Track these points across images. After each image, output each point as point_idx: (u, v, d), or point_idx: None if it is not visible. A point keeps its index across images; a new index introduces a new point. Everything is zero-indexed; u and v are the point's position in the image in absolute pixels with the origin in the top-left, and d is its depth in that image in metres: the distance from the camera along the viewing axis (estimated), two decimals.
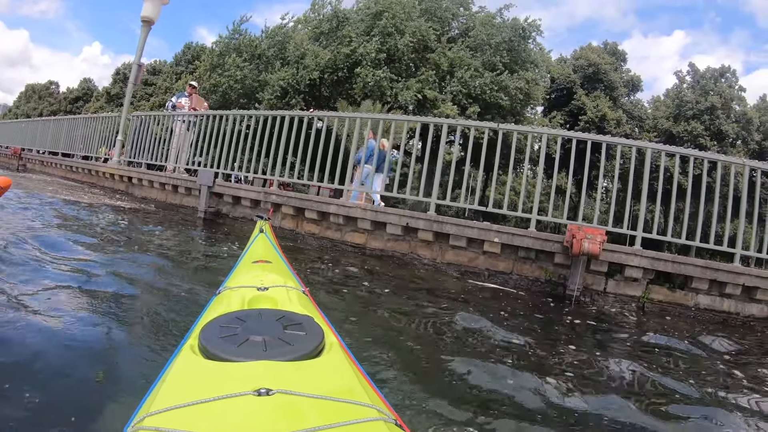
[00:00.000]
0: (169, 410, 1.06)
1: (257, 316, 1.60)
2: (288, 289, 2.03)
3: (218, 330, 1.47)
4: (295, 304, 1.86)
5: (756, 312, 6.24)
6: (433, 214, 7.00)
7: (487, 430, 2.29)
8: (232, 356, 1.31)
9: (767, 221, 21.54)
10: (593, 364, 3.70)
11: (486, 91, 23.33)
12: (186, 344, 1.47)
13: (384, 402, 1.26)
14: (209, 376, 1.25)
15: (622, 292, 6.44)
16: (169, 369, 1.34)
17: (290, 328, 1.51)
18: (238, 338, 1.41)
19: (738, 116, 39.45)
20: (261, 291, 1.94)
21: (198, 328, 1.55)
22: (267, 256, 2.66)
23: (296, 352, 1.36)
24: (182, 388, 1.21)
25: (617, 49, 42.62)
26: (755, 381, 3.87)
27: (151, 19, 12.63)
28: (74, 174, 15.01)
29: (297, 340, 1.43)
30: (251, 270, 2.37)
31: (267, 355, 1.32)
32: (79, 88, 62.52)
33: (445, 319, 4.45)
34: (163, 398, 1.14)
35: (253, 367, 1.25)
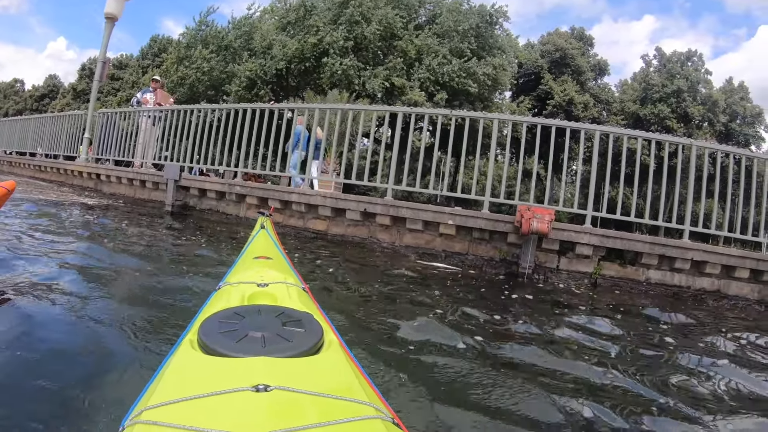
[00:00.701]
0: (167, 404, 1.07)
1: (257, 312, 1.61)
2: (288, 285, 2.04)
3: (217, 325, 1.47)
4: (294, 300, 1.86)
5: (707, 285, 6.60)
6: (390, 199, 7.25)
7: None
8: (230, 352, 1.32)
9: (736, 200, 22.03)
10: (540, 338, 3.89)
11: (454, 77, 23.48)
12: (185, 339, 1.47)
13: (382, 400, 1.26)
14: (208, 371, 1.26)
15: (574, 268, 6.75)
16: (168, 363, 1.35)
17: (289, 324, 1.51)
18: (238, 334, 1.41)
19: (704, 99, 40.24)
20: (261, 287, 1.94)
21: (197, 323, 1.55)
22: (268, 252, 2.66)
23: (295, 349, 1.36)
24: (181, 382, 1.21)
25: (584, 34, 43.12)
26: (682, 343, 4.22)
27: (114, 15, 12.63)
28: (43, 173, 14.94)
29: (296, 337, 1.43)
30: (251, 266, 2.37)
31: (266, 351, 1.32)
32: (45, 86, 61.46)
33: (402, 300, 4.65)
34: (162, 392, 1.14)
35: (251, 362, 1.25)
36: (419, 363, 2.98)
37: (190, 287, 3.98)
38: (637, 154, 7.80)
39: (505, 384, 2.77)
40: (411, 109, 8.28)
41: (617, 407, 2.57)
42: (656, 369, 3.40)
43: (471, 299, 5.09)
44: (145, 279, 4.20)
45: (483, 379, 2.82)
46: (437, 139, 7.77)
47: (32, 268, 3.96)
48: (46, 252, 4.65)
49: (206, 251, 6.02)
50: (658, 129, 37.26)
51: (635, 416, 2.52)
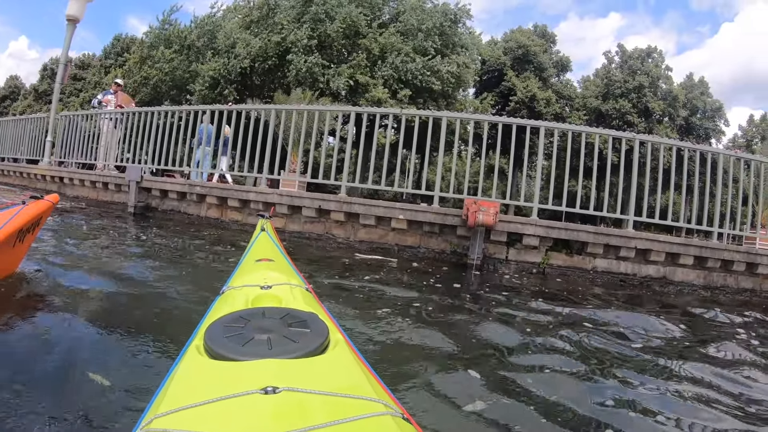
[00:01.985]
0: (177, 411, 1.07)
1: (261, 314, 1.61)
2: (291, 286, 2.06)
3: (223, 330, 1.48)
4: (299, 301, 1.88)
5: (652, 272, 7.02)
6: (344, 196, 7.55)
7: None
8: (237, 355, 1.32)
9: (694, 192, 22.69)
10: (483, 326, 4.05)
11: (417, 75, 23.71)
12: (191, 345, 1.48)
13: (390, 396, 1.25)
14: (215, 375, 1.26)
15: (522, 259, 7.09)
16: (176, 370, 1.35)
17: (295, 325, 1.52)
18: (243, 337, 1.42)
19: (664, 94, 41.22)
20: (264, 289, 1.94)
21: (203, 329, 1.55)
22: (269, 254, 2.66)
23: (301, 350, 1.37)
24: (189, 388, 1.22)
25: (547, 32, 43.80)
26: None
27: (76, 17, 12.53)
28: (5, 177, 14.83)
29: (302, 338, 1.44)
30: (254, 269, 2.37)
31: (272, 353, 1.33)
32: (6, 87, 60.06)
33: (346, 293, 4.82)
34: (171, 399, 1.15)
35: (258, 365, 1.26)
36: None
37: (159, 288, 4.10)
38: (582, 149, 8.16)
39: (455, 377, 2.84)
40: (363, 109, 8.60)
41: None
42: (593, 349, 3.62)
43: (419, 292, 5.23)
44: (106, 281, 4.15)
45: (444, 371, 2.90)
46: (389, 135, 8.07)
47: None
48: None
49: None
50: (620, 123, 38.18)
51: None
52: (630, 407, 2.58)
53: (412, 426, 1.13)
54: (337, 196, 7.56)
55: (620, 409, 2.55)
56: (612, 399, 2.64)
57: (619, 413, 2.51)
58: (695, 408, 2.68)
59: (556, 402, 2.54)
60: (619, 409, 2.55)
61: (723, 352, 3.90)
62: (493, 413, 2.36)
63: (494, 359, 3.21)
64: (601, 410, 2.51)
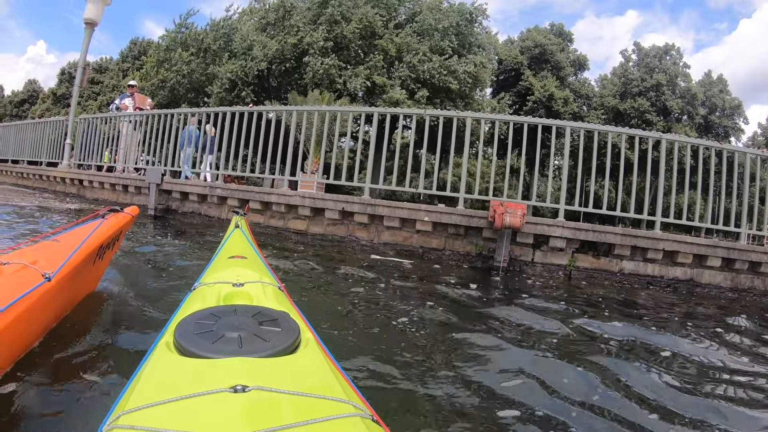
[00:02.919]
0: (145, 408, 1.06)
1: (233, 312, 1.60)
2: (264, 284, 2.05)
3: (193, 326, 1.46)
4: (270, 300, 1.87)
5: (680, 275, 6.81)
6: (368, 198, 7.42)
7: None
8: (207, 353, 1.31)
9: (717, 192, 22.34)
10: (512, 329, 3.97)
11: (435, 75, 23.58)
12: (161, 341, 1.46)
13: (360, 397, 1.26)
14: (185, 372, 1.25)
15: (549, 261, 6.94)
16: (145, 366, 1.34)
17: (266, 324, 1.51)
18: (214, 334, 1.41)
19: (683, 92, 40.73)
20: (237, 287, 1.94)
21: (173, 325, 1.54)
22: (243, 251, 2.66)
23: (272, 349, 1.36)
24: (158, 385, 1.20)
25: (563, 30, 43.49)
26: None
27: (94, 20, 12.60)
28: (25, 180, 14.94)
29: (273, 336, 1.43)
30: (227, 266, 2.36)
31: (242, 351, 1.32)
32: (25, 91, 60.74)
33: (378, 297, 4.74)
34: (139, 396, 1.13)
35: (228, 363, 1.25)
36: (392, 358, 2.96)
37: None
38: (608, 149, 8.00)
39: (474, 377, 2.78)
40: (385, 110, 8.43)
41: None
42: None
43: (447, 295, 5.16)
44: (131, 283, 4.10)
45: (456, 372, 2.84)
46: (412, 136, 7.96)
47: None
48: None
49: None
50: (638, 123, 37.73)
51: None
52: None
53: (381, 428, 1.14)
54: (361, 198, 7.43)
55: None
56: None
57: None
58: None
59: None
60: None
61: None
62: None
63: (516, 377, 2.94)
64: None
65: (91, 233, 2.86)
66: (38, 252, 2.47)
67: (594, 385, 2.78)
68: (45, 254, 2.45)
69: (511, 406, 2.42)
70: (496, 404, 2.44)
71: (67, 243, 2.68)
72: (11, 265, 2.20)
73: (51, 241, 2.76)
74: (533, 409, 2.40)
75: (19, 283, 2.07)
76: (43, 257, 2.39)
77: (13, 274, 2.14)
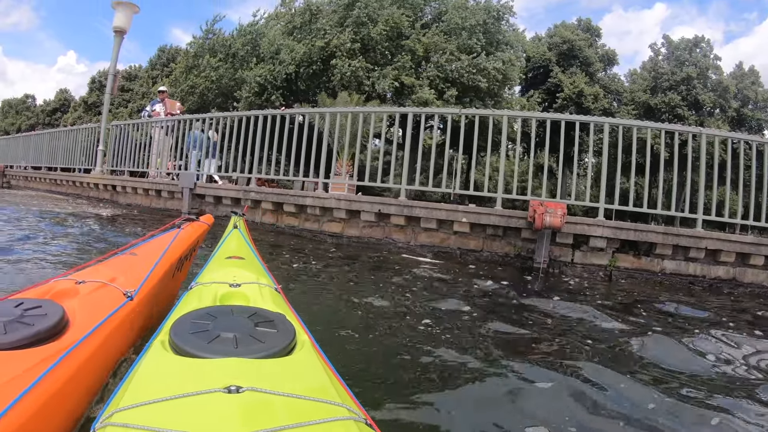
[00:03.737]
0: (138, 406, 1.06)
1: (229, 312, 1.60)
2: (260, 286, 2.04)
3: (189, 326, 1.47)
4: (267, 301, 1.87)
5: (722, 274, 6.59)
6: (404, 199, 7.30)
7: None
8: (202, 352, 1.32)
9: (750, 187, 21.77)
10: (555, 333, 3.85)
11: (463, 74, 23.40)
12: (156, 339, 1.47)
13: (354, 401, 1.25)
14: (179, 372, 1.26)
15: (589, 261, 6.76)
16: (139, 364, 1.33)
17: (262, 325, 1.51)
18: (209, 334, 1.41)
19: (714, 85, 39.74)
20: (233, 287, 1.95)
21: (169, 324, 1.54)
22: (240, 252, 2.66)
23: (267, 350, 1.36)
24: (152, 383, 1.20)
25: (591, 25, 42.77)
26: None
27: (123, 28, 12.76)
28: (59, 186, 15.15)
29: (268, 338, 1.43)
30: (224, 266, 2.35)
31: (238, 352, 1.32)
32: (56, 100, 61.89)
33: (414, 300, 4.64)
34: (133, 394, 1.14)
35: (223, 363, 1.26)
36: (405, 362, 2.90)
37: None
38: (648, 145, 7.78)
39: (495, 383, 2.68)
40: (420, 110, 8.34)
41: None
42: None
43: (485, 298, 5.05)
44: None
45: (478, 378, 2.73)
46: (448, 137, 7.82)
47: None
48: (57, 256, 4.72)
49: None
50: (670, 118, 36.94)
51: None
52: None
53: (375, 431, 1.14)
54: (398, 200, 7.32)
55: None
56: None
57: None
58: None
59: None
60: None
61: None
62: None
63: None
64: None
65: (169, 245, 2.72)
66: (115, 268, 2.32)
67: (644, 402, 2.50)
68: (123, 270, 2.29)
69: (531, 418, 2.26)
70: (508, 415, 2.31)
71: (145, 257, 2.53)
72: (88, 284, 1.99)
73: (127, 255, 2.59)
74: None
75: (99, 303, 1.88)
76: (122, 273, 2.23)
77: (92, 294, 1.94)
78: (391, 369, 2.80)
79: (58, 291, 1.88)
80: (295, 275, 5.27)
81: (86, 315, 1.72)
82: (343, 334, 3.25)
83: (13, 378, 1.21)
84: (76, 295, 1.87)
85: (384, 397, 2.33)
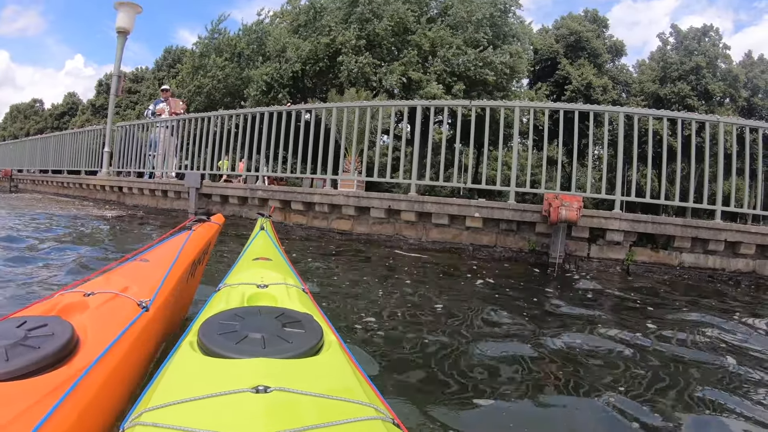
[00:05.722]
0: (167, 406, 1.07)
1: (256, 313, 1.60)
2: (288, 286, 2.03)
3: (217, 326, 1.47)
4: (294, 301, 1.86)
5: (741, 267, 6.41)
6: (414, 195, 7.13)
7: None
8: (230, 353, 1.31)
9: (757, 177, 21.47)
10: (573, 329, 3.70)
11: (470, 68, 23.23)
12: (185, 340, 1.46)
13: (382, 401, 1.25)
14: (208, 372, 1.25)
15: (605, 256, 6.58)
16: (168, 365, 1.33)
17: (289, 325, 1.51)
18: (237, 335, 1.41)
19: (724, 74, 39.33)
20: (261, 288, 1.95)
21: (197, 325, 1.54)
22: (267, 253, 2.64)
23: (295, 350, 1.36)
24: (180, 384, 1.20)
25: (598, 16, 42.43)
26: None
27: (126, 29, 12.68)
28: (66, 189, 15.13)
29: (296, 338, 1.43)
30: (251, 267, 2.35)
31: (266, 352, 1.32)
32: (64, 103, 62.28)
33: (426, 296, 4.53)
34: (162, 394, 1.14)
35: (251, 364, 1.25)
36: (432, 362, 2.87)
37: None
38: (664, 135, 7.57)
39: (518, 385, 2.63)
40: (429, 102, 8.16)
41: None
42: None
43: (499, 293, 4.92)
44: None
45: (497, 379, 2.69)
46: (458, 132, 7.66)
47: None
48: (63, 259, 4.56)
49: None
50: (679, 108, 36.52)
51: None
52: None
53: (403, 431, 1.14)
54: (408, 196, 7.13)
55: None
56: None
57: None
58: None
59: None
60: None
61: None
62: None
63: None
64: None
65: (181, 249, 2.55)
66: (127, 276, 2.13)
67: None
68: (135, 278, 2.11)
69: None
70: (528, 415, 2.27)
71: (157, 262, 2.36)
72: (98, 295, 1.80)
73: (138, 261, 2.40)
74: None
75: (112, 317, 1.71)
76: (134, 282, 2.05)
77: (103, 306, 1.75)
78: (417, 370, 2.75)
79: (65, 306, 1.70)
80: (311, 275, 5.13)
81: (98, 331, 1.56)
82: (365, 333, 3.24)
83: (18, 414, 1.08)
84: (85, 310, 1.70)
85: (411, 398, 2.30)
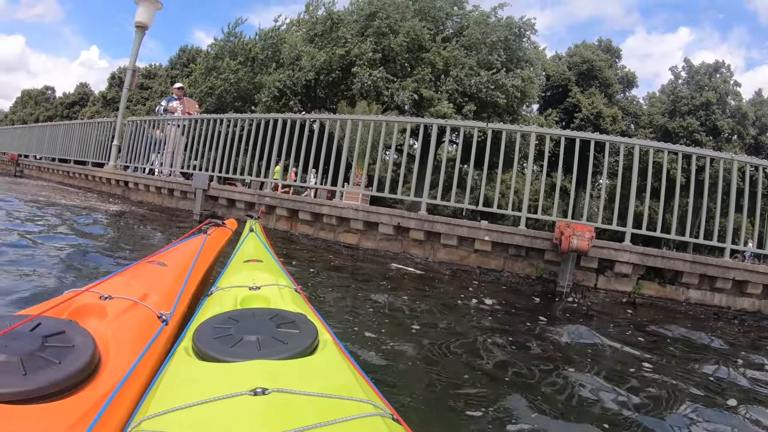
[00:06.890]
0: (166, 413, 1.06)
1: (250, 315, 1.60)
2: (280, 287, 2.03)
3: (212, 331, 1.47)
4: (287, 302, 1.86)
5: (747, 306, 6.31)
6: (424, 214, 7.06)
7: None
8: (226, 356, 1.32)
9: None
10: (572, 360, 3.66)
11: (482, 89, 23.32)
12: (180, 346, 1.45)
13: (380, 397, 1.25)
14: (204, 377, 1.25)
15: (612, 287, 6.50)
16: (164, 371, 1.33)
17: (284, 326, 1.51)
18: (232, 338, 1.41)
19: (733, 111, 39.57)
20: (253, 290, 1.95)
21: (191, 330, 1.53)
22: (258, 255, 2.64)
23: (290, 351, 1.36)
24: (178, 390, 1.19)
25: (611, 46, 42.68)
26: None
27: (144, 24, 12.68)
28: (71, 179, 15.06)
29: (291, 339, 1.43)
30: (242, 270, 2.35)
31: (261, 354, 1.32)
32: (76, 93, 62.51)
33: (429, 315, 4.47)
34: (160, 401, 1.12)
35: (248, 366, 1.25)
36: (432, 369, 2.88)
37: None
38: (678, 169, 7.54)
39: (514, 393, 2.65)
40: (446, 122, 8.10)
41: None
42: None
43: (504, 319, 4.84)
44: None
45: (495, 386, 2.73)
46: (473, 153, 7.63)
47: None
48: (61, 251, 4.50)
49: None
50: (687, 142, 36.65)
51: None
52: None
53: (402, 427, 1.14)
54: (418, 214, 7.06)
55: None
56: None
57: None
58: None
59: None
60: None
61: None
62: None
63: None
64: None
65: (198, 254, 2.49)
66: (144, 281, 2.01)
67: None
68: (152, 284, 2.00)
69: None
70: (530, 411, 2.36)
71: (174, 268, 2.27)
72: (116, 300, 1.67)
73: (155, 265, 2.28)
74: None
75: (132, 330, 1.58)
76: (152, 289, 1.93)
77: (123, 316, 1.61)
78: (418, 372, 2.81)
79: (80, 308, 1.58)
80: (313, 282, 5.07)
81: (119, 346, 1.44)
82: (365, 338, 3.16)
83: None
84: (103, 316, 1.57)
85: (409, 395, 2.35)
